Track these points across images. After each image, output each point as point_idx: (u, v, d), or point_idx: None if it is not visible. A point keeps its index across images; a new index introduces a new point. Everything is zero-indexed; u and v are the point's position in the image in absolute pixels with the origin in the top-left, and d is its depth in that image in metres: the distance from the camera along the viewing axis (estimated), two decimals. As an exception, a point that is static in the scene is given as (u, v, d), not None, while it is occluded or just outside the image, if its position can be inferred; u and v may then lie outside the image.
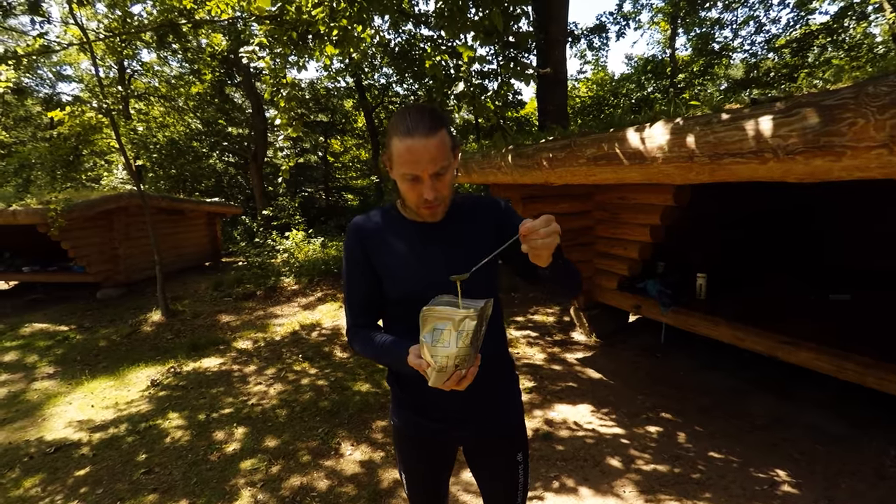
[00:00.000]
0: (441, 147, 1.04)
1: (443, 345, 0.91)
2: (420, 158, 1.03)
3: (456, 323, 0.91)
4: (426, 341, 0.93)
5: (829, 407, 2.98)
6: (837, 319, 3.22)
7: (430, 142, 1.02)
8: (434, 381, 0.95)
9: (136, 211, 7.66)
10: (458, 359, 0.91)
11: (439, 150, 1.03)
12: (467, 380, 0.97)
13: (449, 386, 0.96)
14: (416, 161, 1.03)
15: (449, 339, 0.91)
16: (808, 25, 11.06)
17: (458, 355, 0.91)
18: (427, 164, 1.03)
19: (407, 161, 1.04)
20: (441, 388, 0.97)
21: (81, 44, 5.46)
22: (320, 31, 3.64)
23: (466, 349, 0.90)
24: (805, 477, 2.37)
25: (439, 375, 0.94)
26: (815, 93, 1.53)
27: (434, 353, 0.92)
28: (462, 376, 0.95)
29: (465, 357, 0.92)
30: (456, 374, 0.94)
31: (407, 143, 1.02)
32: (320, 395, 3.64)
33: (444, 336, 0.91)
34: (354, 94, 13.36)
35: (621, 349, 4.16)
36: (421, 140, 1.01)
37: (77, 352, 5.04)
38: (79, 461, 2.94)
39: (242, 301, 6.85)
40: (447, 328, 0.91)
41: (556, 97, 7.17)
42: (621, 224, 4.00)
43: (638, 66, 13.75)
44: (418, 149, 1.02)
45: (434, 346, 0.92)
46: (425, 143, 1.02)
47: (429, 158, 1.03)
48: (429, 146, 1.02)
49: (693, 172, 1.98)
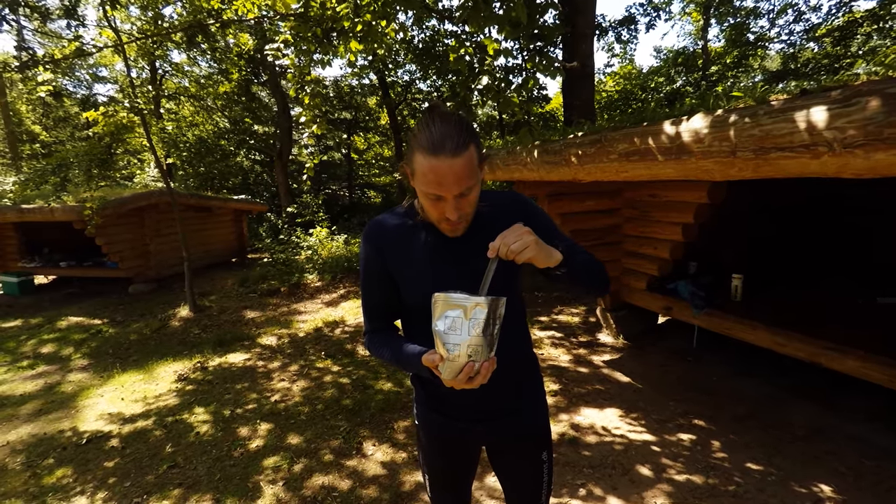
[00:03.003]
0: (468, 167, 0.96)
1: (455, 333, 0.92)
2: (444, 180, 0.95)
3: (468, 310, 0.91)
4: (438, 329, 0.93)
5: (877, 419, 2.79)
6: (886, 325, 3.01)
7: (457, 162, 0.94)
8: (446, 374, 0.94)
9: (166, 208, 7.85)
10: (471, 348, 0.91)
11: (466, 170, 0.96)
12: (481, 377, 0.94)
13: (461, 381, 0.94)
14: (439, 183, 0.96)
15: (461, 328, 0.91)
16: (851, 13, 10.48)
17: (470, 344, 0.91)
18: (452, 186, 0.96)
19: (431, 182, 0.96)
20: (454, 385, 0.95)
21: (115, 46, 5.59)
22: (344, 27, 3.61)
23: (479, 338, 0.90)
24: (851, 493, 2.22)
25: (451, 367, 0.93)
26: (876, 80, 1.40)
27: (446, 340, 0.92)
28: (475, 371, 0.92)
29: (477, 348, 0.91)
30: (468, 366, 0.92)
31: (431, 162, 0.94)
32: (343, 392, 3.63)
33: (455, 323, 0.92)
34: (378, 91, 13.39)
35: (650, 352, 4.02)
36: (447, 161, 0.93)
37: (109, 345, 5.19)
38: (109, 453, 3.01)
39: (267, 297, 6.94)
40: (459, 315, 0.92)
41: (582, 92, 6.99)
42: (652, 222, 3.85)
43: (668, 58, 13.32)
44: (443, 170, 0.94)
45: (446, 334, 0.92)
46: (451, 164, 0.93)
47: (454, 180, 0.95)
48: (455, 167, 0.94)
49: (735, 168, 1.86)
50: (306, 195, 10.89)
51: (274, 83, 12.48)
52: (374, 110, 15.91)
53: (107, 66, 17.15)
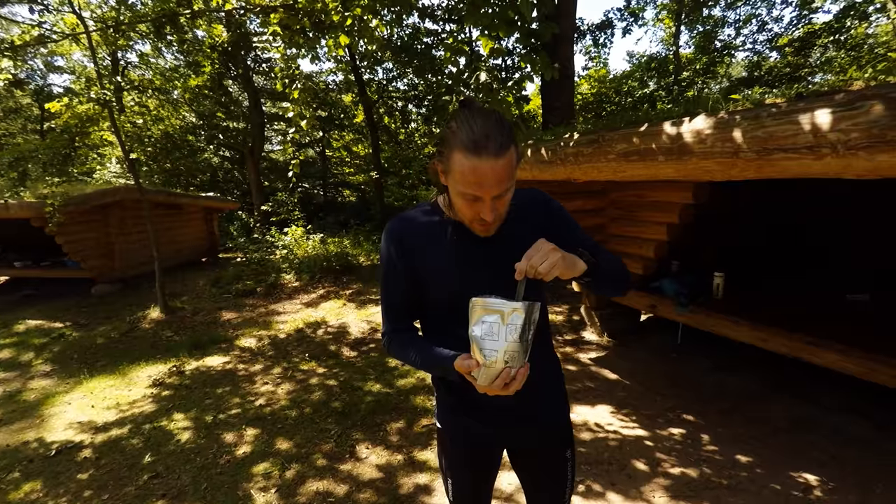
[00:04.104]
0: (509, 168, 0.93)
1: (492, 338, 0.91)
2: (485, 181, 0.92)
3: (505, 316, 0.90)
4: (475, 334, 0.92)
5: (852, 410, 2.93)
6: (855, 320, 3.16)
7: (499, 163, 0.91)
8: (482, 380, 0.93)
9: (132, 205, 7.49)
10: (508, 354, 0.90)
11: (506, 172, 0.93)
12: (516, 383, 0.93)
13: (497, 387, 0.92)
14: (480, 183, 0.93)
15: (498, 333, 0.90)
16: (810, 24, 11.05)
17: (508, 350, 0.90)
18: (492, 188, 0.94)
19: (470, 182, 0.93)
20: (488, 391, 0.94)
21: (80, 34, 5.29)
22: (334, 21, 3.52)
23: (516, 344, 0.90)
24: (837, 481, 2.31)
25: (488, 373, 0.92)
26: (880, 85, 1.45)
27: (483, 346, 0.91)
28: (511, 377, 0.92)
29: (514, 354, 0.90)
30: (505, 372, 0.91)
31: (473, 162, 0.91)
32: (331, 395, 3.54)
33: (493, 329, 0.90)
34: (353, 87, 13.20)
35: (635, 349, 4.10)
36: (489, 161, 0.90)
37: (74, 349, 4.90)
38: (82, 464, 2.83)
39: (243, 298, 6.72)
40: (496, 321, 0.90)
41: (562, 94, 7.07)
42: (637, 222, 3.92)
43: (640, 63, 13.69)
44: (485, 171, 0.91)
45: (483, 340, 0.91)
46: (493, 165, 0.90)
47: (495, 181, 0.93)
48: (497, 168, 0.91)
49: (737, 169, 1.90)
50: (281, 193, 10.61)
51: (246, 77, 12.11)
52: (349, 107, 15.66)
53: (63, 54, 16.24)
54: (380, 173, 12.57)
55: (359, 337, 4.90)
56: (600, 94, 13.26)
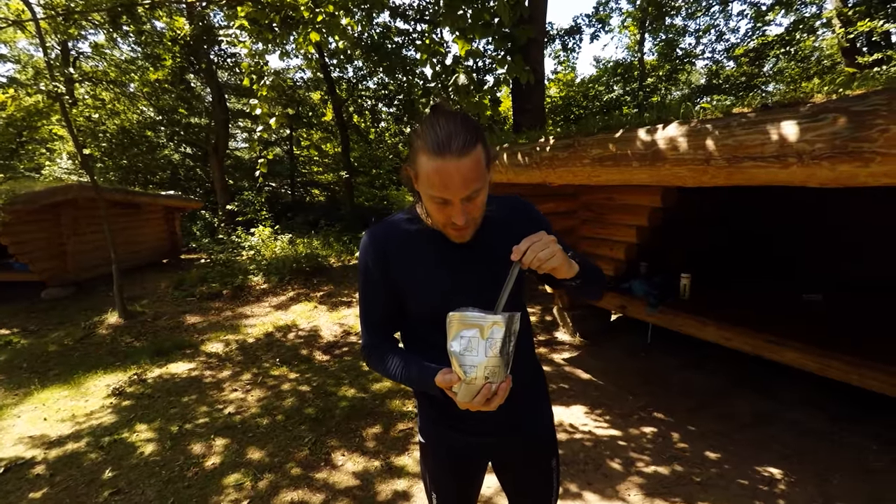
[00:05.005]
0: (476, 168, 0.90)
1: (471, 353, 0.88)
2: (451, 183, 0.89)
3: (484, 330, 0.87)
4: (454, 350, 0.89)
5: (809, 404, 3.09)
6: (811, 318, 3.35)
7: (464, 163, 0.88)
8: (462, 396, 0.90)
9: (86, 204, 7.09)
10: (488, 370, 0.87)
11: (473, 172, 0.90)
12: (498, 398, 0.90)
13: (478, 404, 0.90)
14: (445, 185, 0.89)
15: (477, 348, 0.87)
16: (764, 36, 11.64)
17: (487, 366, 0.87)
18: (459, 189, 0.90)
19: (436, 184, 0.90)
20: (469, 407, 0.92)
21: (27, 21, 4.95)
22: (304, 17, 3.44)
23: (496, 359, 0.87)
24: (798, 474, 2.43)
25: (468, 389, 0.89)
26: (841, 98, 1.53)
27: (462, 362, 0.88)
28: (493, 392, 0.89)
29: (494, 369, 0.88)
30: (486, 388, 0.88)
31: (436, 163, 0.88)
32: (304, 401, 3.46)
33: (472, 344, 0.88)
34: (322, 85, 12.96)
35: (607, 348, 4.20)
36: (453, 161, 0.87)
37: (23, 358, 4.59)
38: (34, 482, 2.65)
39: (208, 301, 6.48)
40: (475, 335, 0.88)
41: (533, 97, 7.16)
42: (608, 224, 4.01)
43: (606, 68, 14.07)
44: (450, 171, 0.88)
45: (462, 356, 0.88)
46: (458, 165, 0.87)
47: (461, 182, 0.89)
48: (461, 168, 0.88)
49: (708, 175, 1.97)
50: (247, 192, 10.29)
51: (210, 72, 11.68)
52: (317, 105, 15.38)
53: (7, 42, 15.21)
54: (350, 173, 12.40)
55: (331, 340, 4.80)
56: (569, 98, 13.54)
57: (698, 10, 12.17)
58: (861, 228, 4.20)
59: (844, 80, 1.86)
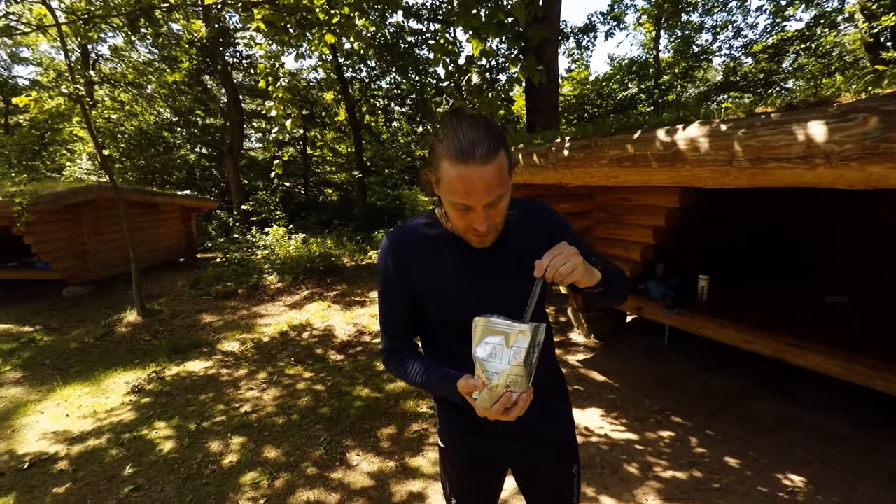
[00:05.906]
0: (499, 175, 0.89)
1: (495, 360, 0.87)
2: (474, 189, 0.88)
3: (510, 338, 0.87)
4: (478, 355, 0.89)
5: (832, 408, 3.02)
6: (835, 321, 3.26)
7: (487, 170, 0.86)
8: (482, 402, 0.90)
9: (106, 204, 7.23)
10: (510, 378, 0.87)
11: (496, 179, 0.88)
12: (517, 409, 0.89)
13: (496, 412, 0.89)
14: (468, 192, 0.88)
15: (501, 355, 0.87)
16: (783, 32, 11.39)
17: (510, 374, 0.87)
18: (482, 196, 0.89)
19: (459, 191, 0.89)
20: (487, 415, 0.91)
21: (49, 26, 5.06)
22: (319, 19, 3.45)
23: (519, 368, 0.86)
24: (821, 480, 2.38)
25: (490, 395, 0.89)
26: (872, 97, 1.49)
27: (486, 368, 0.88)
28: (513, 402, 0.88)
29: (517, 378, 0.87)
30: (506, 396, 0.88)
31: (459, 170, 0.87)
32: (318, 400, 3.48)
33: (496, 351, 0.88)
34: (336, 85, 13.02)
35: (622, 350, 4.15)
36: (476, 169, 0.86)
37: (46, 355, 4.70)
38: (57, 477, 2.71)
39: (223, 300, 6.56)
40: (500, 342, 0.88)
41: (546, 96, 7.12)
42: (623, 225, 3.97)
43: (621, 65, 13.91)
44: (473, 179, 0.87)
45: (486, 362, 0.88)
46: (481, 172, 0.86)
47: (484, 189, 0.88)
48: (485, 175, 0.87)
49: (730, 177, 1.93)
50: (262, 192, 10.40)
51: (225, 74, 11.83)
52: (330, 105, 15.47)
53: (30, 45, 15.58)
54: (362, 172, 12.45)
55: (345, 340, 4.83)
56: (582, 97, 13.42)
57: (715, 7, 11.96)
58: (887, 229, 4.08)
59: (873, 79, 1.81)
